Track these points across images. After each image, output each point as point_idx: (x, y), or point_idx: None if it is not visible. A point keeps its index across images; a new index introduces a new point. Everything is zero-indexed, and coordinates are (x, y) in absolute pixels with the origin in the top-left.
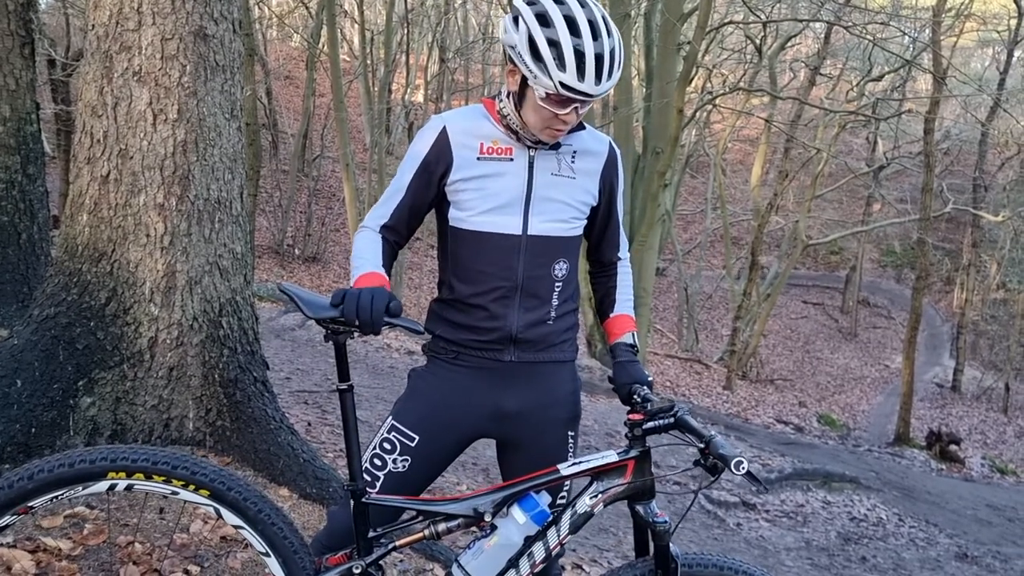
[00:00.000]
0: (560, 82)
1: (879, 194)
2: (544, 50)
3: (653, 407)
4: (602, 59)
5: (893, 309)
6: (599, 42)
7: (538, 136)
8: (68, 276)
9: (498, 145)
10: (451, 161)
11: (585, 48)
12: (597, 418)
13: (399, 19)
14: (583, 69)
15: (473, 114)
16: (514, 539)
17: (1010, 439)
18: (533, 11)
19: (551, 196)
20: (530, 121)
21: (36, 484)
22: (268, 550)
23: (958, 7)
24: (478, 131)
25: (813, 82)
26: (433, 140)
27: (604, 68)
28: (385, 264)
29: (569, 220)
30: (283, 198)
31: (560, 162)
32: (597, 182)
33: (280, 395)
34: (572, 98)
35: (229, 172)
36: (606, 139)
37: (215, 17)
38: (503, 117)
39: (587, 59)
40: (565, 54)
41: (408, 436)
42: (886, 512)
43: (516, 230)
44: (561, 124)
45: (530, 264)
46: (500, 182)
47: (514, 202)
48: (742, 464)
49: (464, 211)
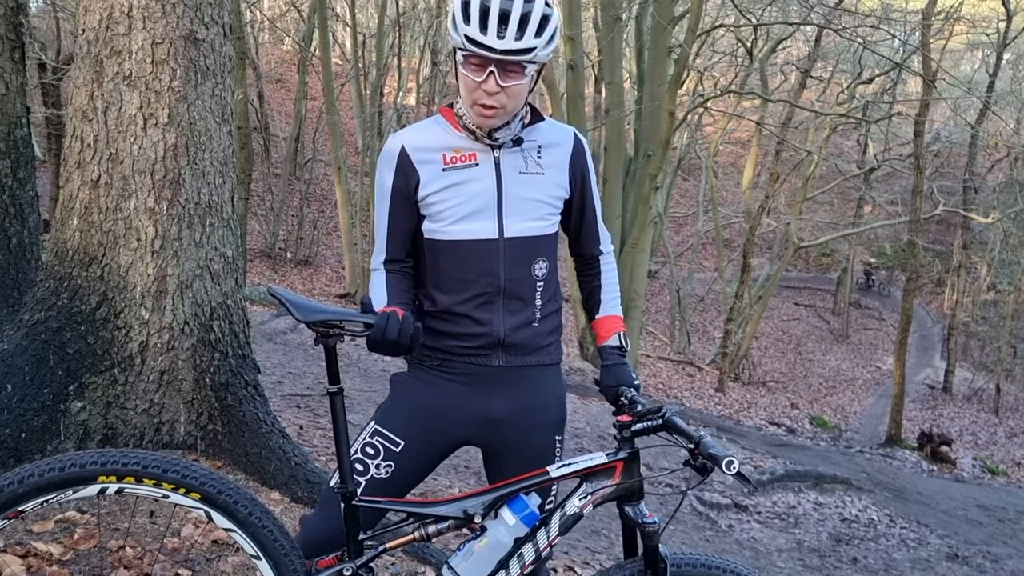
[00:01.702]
0: (465, 35)
1: (870, 196)
2: (457, 9)
3: (641, 409)
4: (508, 14)
5: (884, 311)
6: (509, 2)
7: (474, 122)
8: (58, 280)
9: (461, 152)
10: (417, 179)
11: (491, 3)
12: (589, 421)
13: (391, 22)
14: (486, 22)
15: (430, 127)
16: (504, 540)
17: (1001, 440)
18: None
19: (523, 195)
20: (464, 101)
21: (26, 488)
22: (259, 553)
23: (947, 10)
24: (438, 142)
25: (804, 85)
26: (395, 166)
27: (510, 23)
28: (397, 298)
29: (544, 217)
30: (275, 201)
31: (527, 159)
32: (567, 173)
33: (272, 399)
34: (480, 55)
35: (220, 176)
36: (569, 129)
37: (205, 21)
38: (460, 119)
39: (491, 13)
40: (471, 9)
41: (393, 441)
42: (877, 513)
43: (492, 234)
44: (484, 96)
45: (511, 266)
46: (469, 188)
47: (486, 206)
48: (733, 464)
49: (438, 222)
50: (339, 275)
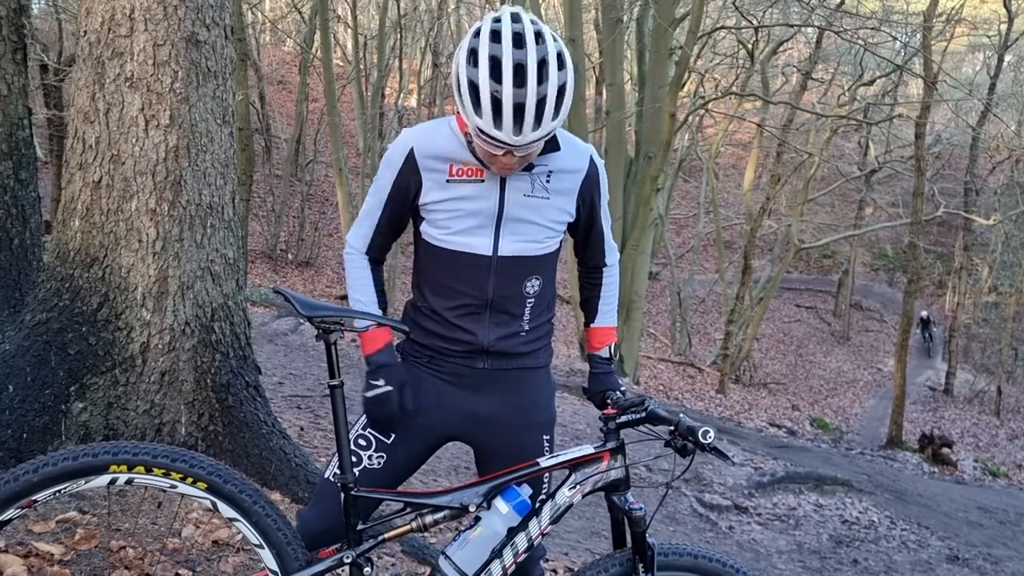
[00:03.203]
0: (477, 127)
1: (871, 198)
2: (465, 91)
3: (626, 402)
4: (523, 109)
5: (885, 313)
6: (522, 90)
7: (491, 166)
8: (60, 281)
9: (468, 167)
10: (420, 184)
11: (503, 96)
12: (590, 422)
13: (392, 24)
14: (500, 117)
15: (442, 131)
16: (498, 529)
17: (1002, 442)
18: (469, 44)
19: (523, 217)
20: (478, 151)
21: (41, 477)
22: (262, 542)
23: (949, 12)
24: (448, 152)
25: (805, 86)
26: (401, 164)
27: (526, 118)
28: (380, 298)
29: (542, 240)
30: (276, 203)
31: (534, 183)
32: (574, 200)
33: (272, 400)
34: (496, 144)
35: (221, 177)
36: (587, 152)
37: (207, 23)
38: (471, 140)
39: (504, 107)
40: (482, 99)
41: (384, 433)
42: (878, 515)
43: (486, 251)
44: (502, 164)
45: (500, 284)
46: (471, 204)
47: (485, 224)
48: (709, 434)
49: (436, 229)
50: (340, 276)
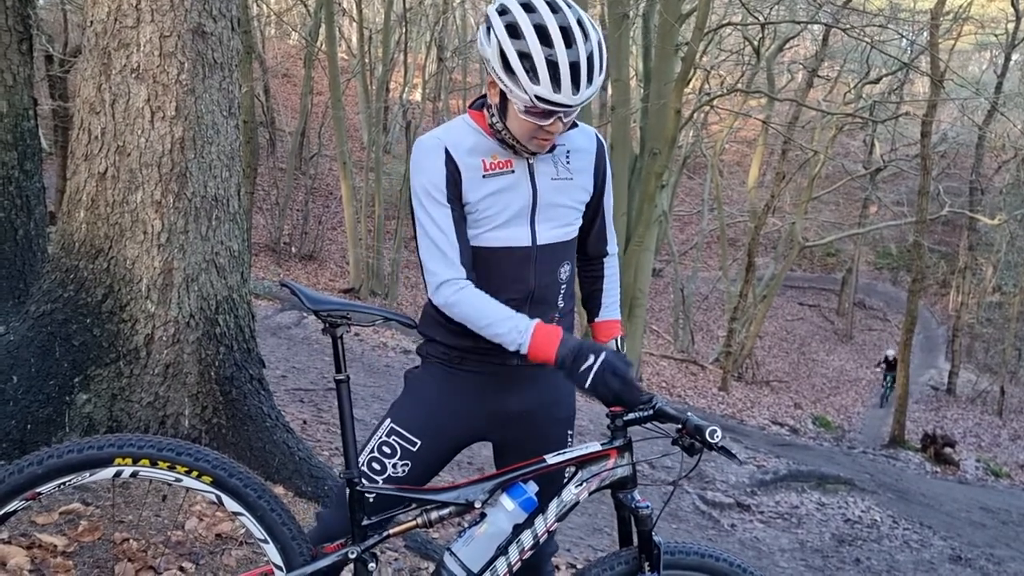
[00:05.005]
0: (536, 95)
1: (875, 196)
2: (516, 64)
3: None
4: (578, 67)
5: (889, 311)
6: (573, 49)
7: (527, 147)
8: (65, 272)
9: (498, 159)
10: (461, 183)
11: (558, 58)
12: (592, 419)
13: (397, 18)
14: (558, 80)
15: (464, 129)
16: (503, 526)
17: (1004, 442)
18: (503, 21)
19: (554, 202)
20: (516, 132)
21: (46, 469)
22: (267, 536)
23: (956, 10)
24: (477, 148)
25: (811, 84)
26: (443, 164)
27: (581, 76)
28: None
29: (572, 223)
30: (280, 196)
31: (557, 165)
32: (591, 176)
33: (276, 393)
34: (552, 110)
35: (226, 169)
36: (591, 131)
37: (213, 14)
38: (496, 132)
39: (561, 69)
40: (537, 66)
41: (410, 440)
42: (880, 514)
43: (526, 242)
44: (546, 135)
45: (540, 273)
46: (506, 197)
47: (521, 214)
48: (716, 432)
49: (475, 229)
50: (343, 270)
